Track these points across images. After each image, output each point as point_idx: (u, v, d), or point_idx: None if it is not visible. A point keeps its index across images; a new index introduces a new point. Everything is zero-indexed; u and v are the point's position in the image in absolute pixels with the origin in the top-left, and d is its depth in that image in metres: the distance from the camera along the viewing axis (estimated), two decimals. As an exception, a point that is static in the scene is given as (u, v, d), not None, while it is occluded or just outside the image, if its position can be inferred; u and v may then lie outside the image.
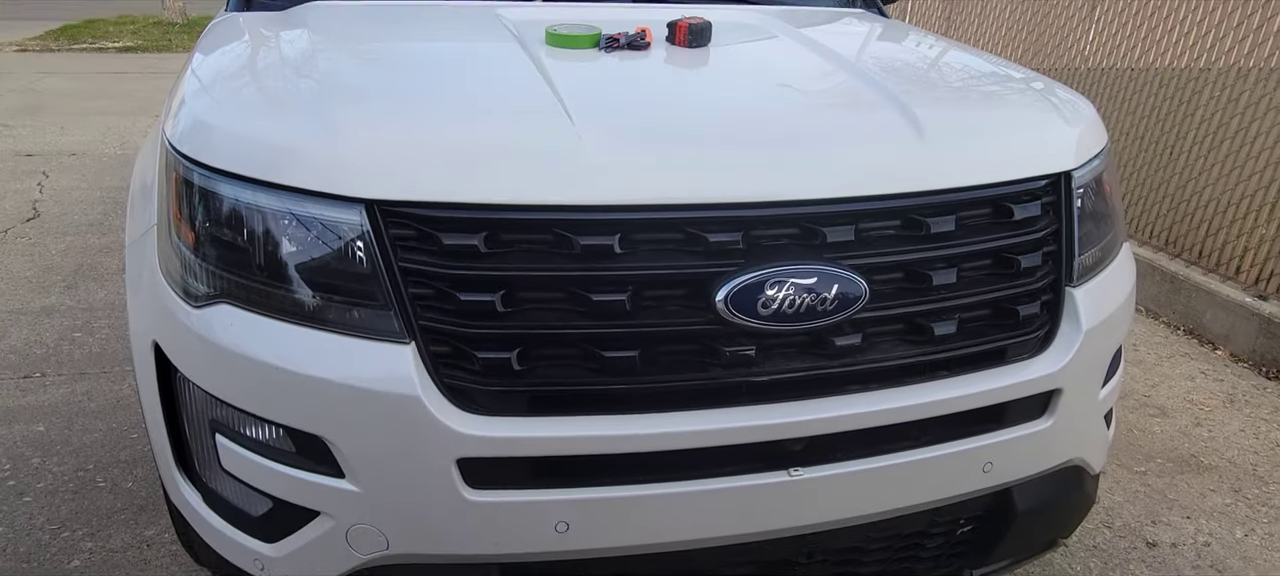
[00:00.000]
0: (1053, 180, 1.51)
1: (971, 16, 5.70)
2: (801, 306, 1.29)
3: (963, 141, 1.47)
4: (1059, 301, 1.51)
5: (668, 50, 1.78)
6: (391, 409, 1.22)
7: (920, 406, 1.39)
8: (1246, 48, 3.59)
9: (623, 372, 1.27)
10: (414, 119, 1.34)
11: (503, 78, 1.53)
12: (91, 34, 11.59)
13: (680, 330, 1.29)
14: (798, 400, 1.34)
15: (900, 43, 2.09)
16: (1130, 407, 3.03)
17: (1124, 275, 1.68)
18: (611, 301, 1.25)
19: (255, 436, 1.33)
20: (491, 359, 1.24)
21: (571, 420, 1.27)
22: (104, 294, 3.61)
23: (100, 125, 6.69)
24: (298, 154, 1.28)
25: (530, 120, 1.35)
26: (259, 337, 1.28)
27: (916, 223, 1.38)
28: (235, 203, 1.31)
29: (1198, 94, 3.79)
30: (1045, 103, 1.68)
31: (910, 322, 1.40)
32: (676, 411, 1.30)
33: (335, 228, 1.26)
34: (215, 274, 1.33)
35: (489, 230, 1.24)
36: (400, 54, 1.68)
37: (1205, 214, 3.74)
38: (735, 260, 1.28)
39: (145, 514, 2.26)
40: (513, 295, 1.25)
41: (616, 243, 1.26)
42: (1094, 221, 1.62)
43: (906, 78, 1.75)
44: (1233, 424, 2.94)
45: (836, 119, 1.49)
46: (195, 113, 1.44)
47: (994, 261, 1.45)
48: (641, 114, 1.42)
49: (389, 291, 1.24)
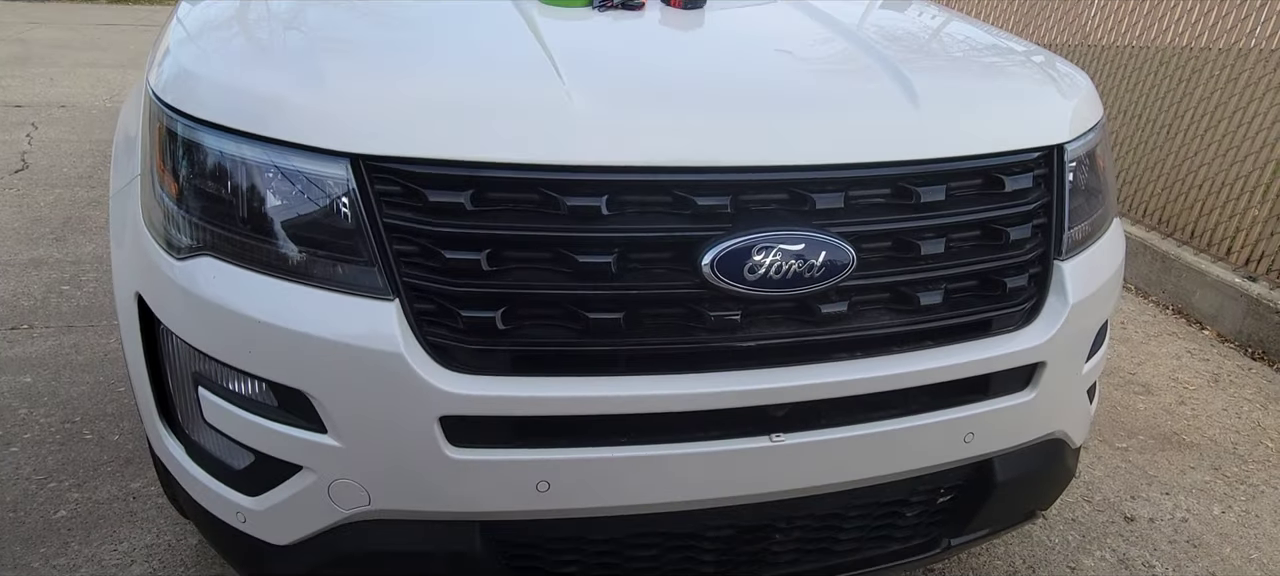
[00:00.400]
0: (1045, 152, 1.51)
1: (973, -11, 5.66)
2: (788, 272, 1.28)
3: (956, 111, 1.46)
4: (1047, 274, 1.51)
5: (662, 11, 1.76)
6: (374, 365, 1.22)
7: (904, 376, 1.39)
8: (1249, 25, 3.56)
9: (607, 334, 1.27)
10: (402, 74, 1.32)
11: (493, 34, 1.51)
12: (82, -16, 11.40)
13: (666, 293, 1.28)
14: (782, 366, 1.34)
15: (901, 11, 2.07)
16: (1115, 384, 3.04)
17: (1113, 251, 1.68)
18: (597, 263, 1.25)
19: (238, 390, 1.33)
20: (475, 317, 1.24)
21: (555, 381, 1.27)
22: (92, 247, 3.59)
23: (90, 77, 6.61)
24: (283, 106, 1.26)
25: (520, 78, 1.33)
26: (242, 291, 1.27)
27: (907, 191, 1.37)
28: (219, 154, 1.29)
29: (1197, 73, 3.78)
30: (1041, 74, 1.66)
31: (897, 292, 1.39)
32: (660, 375, 1.30)
33: (320, 182, 1.24)
34: (199, 226, 1.32)
35: (475, 188, 1.23)
36: (390, 7, 1.65)
37: (1199, 194, 3.74)
38: (723, 224, 1.27)
39: (131, 466, 2.26)
40: (498, 254, 1.24)
41: (604, 204, 1.25)
42: (1085, 195, 1.61)
43: (903, 46, 1.73)
44: (1216, 403, 2.97)
45: (830, 85, 1.48)
46: (180, 62, 1.42)
47: (983, 232, 1.45)
48: (632, 75, 1.41)
49: (373, 247, 1.23)
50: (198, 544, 2.00)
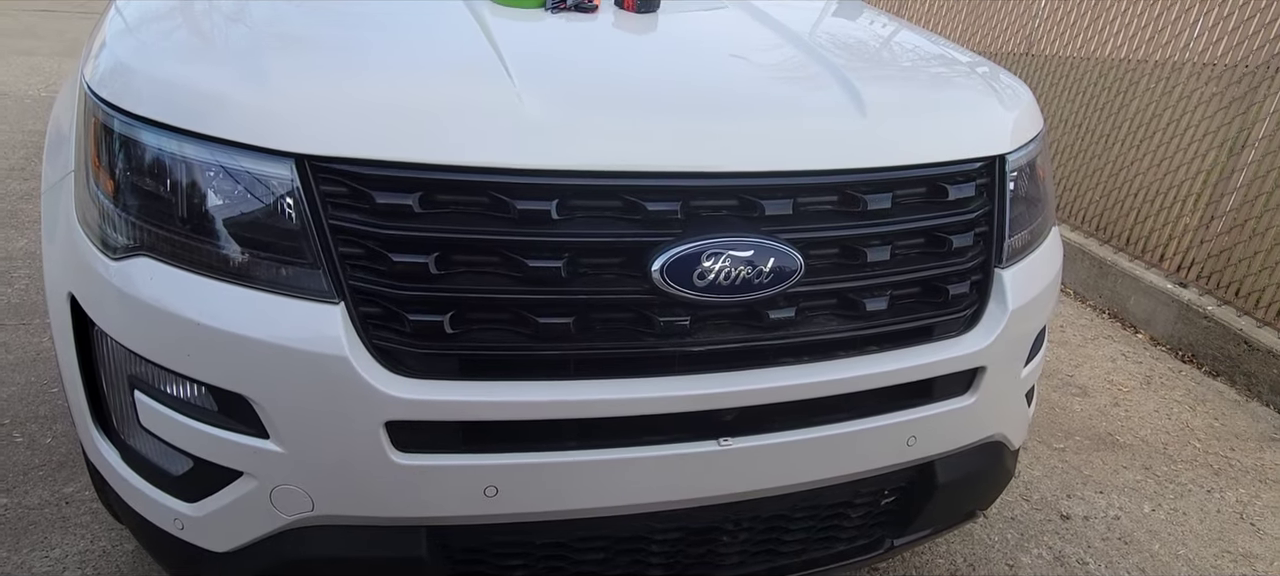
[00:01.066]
0: (987, 163, 1.54)
1: None
2: (737, 279, 1.29)
3: (902, 120, 1.49)
4: (987, 282, 1.55)
5: (616, 14, 1.76)
6: (319, 369, 1.20)
7: (850, 380, 1.41)
8: (1183, 41, 3.70)
9: (556, 339, 1.27)
10: (349, 72, 1.30)
11: (444, 34, 1.49)
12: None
13: (615, 298, 1.28)
14: (730, 371, 1.35)
15: (851, 19, 2.10)
16: (1053, 386, 3.14)
17: (1051, 259, 1.73)
18: (547, 267, 1.25)
19: (176, 394, 1.30)
20: (423, 321, 1.23)
21: (503, 385, 1.26)
22: (24, 242, 3.46)
23: (25, 65, 6.37)
24: (226, 103, 1.23)
25: (470, 79, 1.32)
26: (181, 293, 1.24)
27: (853, 199, 1.40)
28: (158, 152, 1.26)
29: (1134, 84, 3.91)
30: (984, 86, 1.71)
31: (843, 298, 1.42)
32: (609, 379, 1.30)
33: (263, 182, 1.22)
34: (135, 225, 1.28)
35: (423, 190, 1.22)
36: (338, 6, 1.62)
37: (1135, 202, 3.87)
38: (672, 230, 1.28)
39: (64, 470, 2.19)
40: (446, 257, 1.23)
41: (553, 208, 1.25)
42: (1026, 205, 1.66)
43: (853, 54, 1.76)
44: (1148, 404, 3.08)
45: (780, 92, 1.50)
46: (117, 55, 1.38)
47: (927, 240, 1.48)
48: (584, 78, 1.40)
49: (318, 249, 1.21)
50: (134, 550, 1.94)
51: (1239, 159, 3.40)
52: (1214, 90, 3.52)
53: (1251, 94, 3.36)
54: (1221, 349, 3.29)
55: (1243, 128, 3.40)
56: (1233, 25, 3.46)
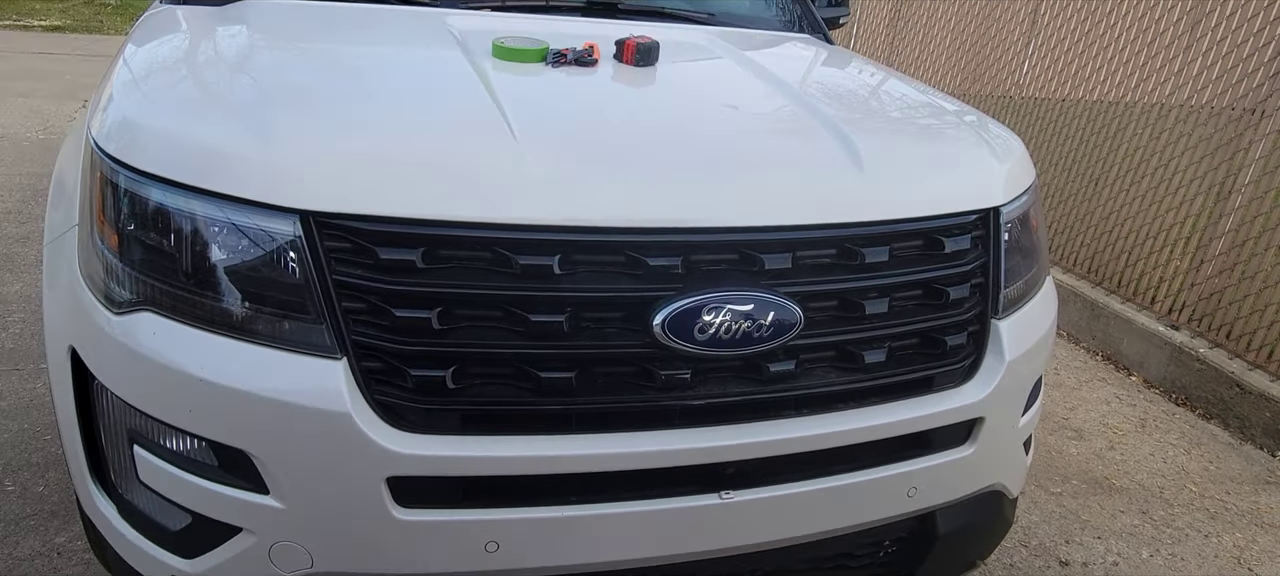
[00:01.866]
0: (982, 215, 1.57)
1: (913, 43, 5.87)
2: (737, 332, 1.30)
3: (899, 174, 1.52)
4: (984, 332, 1.56)
5: (615, 68, 1.79)
6: (320, 425, 1.20)
7: (850, 432, 1.42)
8: (1168, 89, 3.77)
9: (558, 393, 1.28)
10: (353, 129, 1.32)
11: (446, 89, 1.52)
12: (16, 11, 11.08)
13: (617, 352, 1.29)
14: (731, 424, 1.36)
15: (843, 70, 2.14)
16: (1049, 429, 3.14)
17: (1046, 308, 1.74)
18: (548, 322, 1.25)
19: (176, 448, 1.29)
20: (425, 376, 1.23)
21: (505, 440, 1.26)
22: (19, 286, 3.45)
23: (23, 107, 6.39)
24: (231, 160, 1.25)
25: (472, 135, 1.34)
26: (183, 348, 1.24)
27: (852, 252, 1.42)
28: (163, 207, 1.27)
29: (1123, 128, 3.97)
30: (978, 138, 1.73)
31: (842, 350, 1.43)
32: (611, 433, 1.30)
33: (268, 238, 1.23)
34: (139, 280, 1.28)
35: (426, 246, 1.23)
36: (342, 59, 1.65)
37: (1125, 244, 3.91)
38: (673, 285, 1.29)
39: (57, 519, 2.16)
40: (449, 312, 1.24)
41: (556, 263, 1.26)
42: (1020, 255, 1.68)
43: (847, 107, 1.79)
44: (1143, 448, 3.08)
45: (779, 146, 1.52)
46: (123, 111, 1.39)
47: (924, 292, 1.50)
48: (586, 133, 1.42)
49: (321, 305, 1.22)
50: (126, 603, 1.91)
51: (1227, 203, 3.45)
52: (1201, 134, 3.57)
53: (1237, 139, 3.42)
54: (1214, 392, 3.31)
55: (1229, 172, 3.45)
56: (1217, 73, 3.53)
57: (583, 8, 2.28)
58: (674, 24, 2.29)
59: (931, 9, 5.64)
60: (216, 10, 1.96)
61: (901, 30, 6.02)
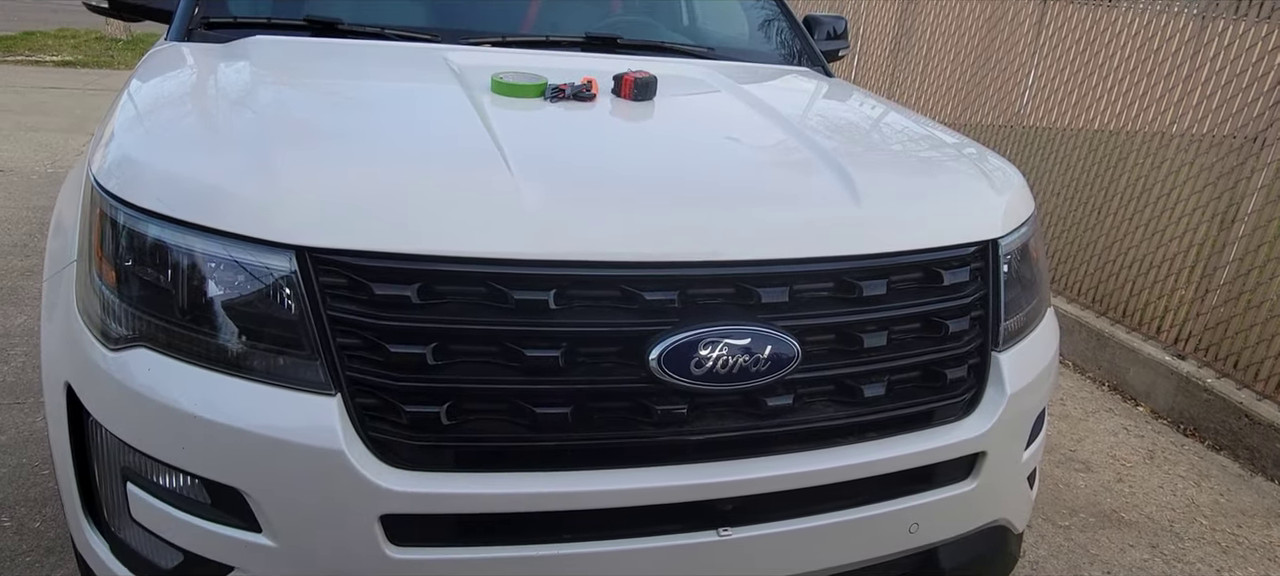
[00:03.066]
0: (981, 247, 1.56)
1: (913, 73, 5.90)
2: (734, 367, 1.30)
3: (897, 207, 1.51)
4: (985, 365, 1.55)
5: (613, 103, 1.80)
6: (313, 462, 1.19)
7: (850, 468, 1.40)
8: (1169, 118, 3.77)
9: (553, 429, 1.26)
10: (349, 164, 1.32)
11: (444, 125, 1.52)
12: (28, 47, 11.22)
13: (613, 388, 1.28)
14: (729, 460, 1.34)
15: (842, 103, 2.14)
16: (1056, 461, 3.11)
17: (1048, 340, 1.73)
18: (545, 357, 1.25)
19: (168, 485, 1.29)
20: (420, 413, 1.22)
21: (500, 476, 1.25)
22: (22, 319, 3.46)
23: (32, 142, 6.46)
24: (227, 196, 1.25)
25: (468, 170, 1.34)
26: (177, 384, 1.23)
27: (850, 286, 1.41)
28: (160, 243, 1.27)
29: (1125, 158, 3.97)
30: (976, 170, 1.73)
31: (841, 384, 1.42)
32: (607, 469, 1.29)
33: (263, 274, 1.23)
34: (135, 316, 1.28)
35: (422, 281, 1.23)
36: (341, 95, 1.66)
37: (1129, 273, 3.89)
38: (670, 319, 1.29)
39: (52, 555, 2.14)
40: (443, 348, 1.24)
41: (552, 298, 1.25)
42: (1020, 287, 1.67)
43: (845, 140, 1.79)
44: (1152, 480, 3.04)
45: (776, 180, 1.52)
46: (123, 148, 1.40)
47: (923, 325, 1.49)
48: (583, 168, 1.43)
49: (316, 341, 1.22)
50: (120, 641, 1.89)
51: (1231, 231, 3.43)
52: (1203, 163, 3.57)
53: (1239, 168, 3.42)
54: (1223, 422, 3.27)
55: (1232, 201, 3.44)
56: (1217, 102, 3.53)
57: (582, 43, 2.30)
58: (673, 59, 2.30)
59: (932, 40, 5.68)
60: (220, 47, 1.98)
61: (902, 61, 6.05)
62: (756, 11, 2.85)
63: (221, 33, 2.10)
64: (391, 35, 2.14)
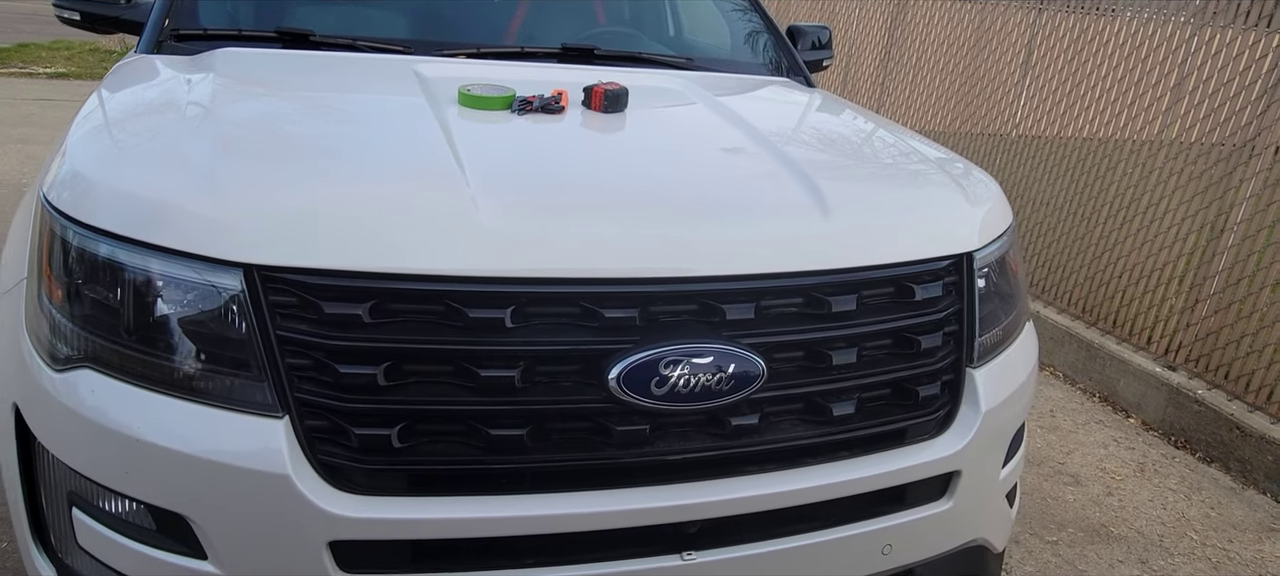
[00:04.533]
0: (955, 260, 1.53)
1: (903, 83, 5.88)
2: (697, 386, 1.26)
3: (866, 220, 1.48)
4: (959, 382, 1.52)
5: (582, 115, 1.77)
6: (259, 488, 1.15)
7: (819, 488, 1.37)
8: (1157, 126, 3.75)
9: (510, 451, 1.23)
10: (301, 180, 1.29)
11: (403, 138, 1.49)
12: (22, 59, 11.21)
13: (571, 408, 1.25)
14: (693, 481, 1.31)
15: (818, 114, 2.11)
16: (1044, 475, 3.07)
17: (1026, 354, 1.70)
18: (500, 377, 1.21)
19: (114, 511, 1.25)
20: (370, 435, 1.19)
21: (454, 500, 1.21)
22: None
23: (20, 154, 6.43)
24: (175, 212, 1.22)
25: (423, 184, 1.31)
26: (121, 406, 1.20)
27: (818, 301, 1.37)
28: (106, 261, 1.24)
29: (1114, 166, 3.95)
30: (951, 182, 1.70)
31: (809, 403, 1.38)
32: (566, 492, 1.26)
33: (211, 292, 1.19)
34: (80, 336, 1.25)
35: (374, 299, 1.19)
36: (301, 109, 1.63)
37: (1119, 283, 3.86)
38: (630, 337, 1.25)
39: (18, 578, 2.10)
40: (397, 368, 1.20)
41: (508, 316, 1.22)
42: (997, 301, 1.64)
43: (817, 152, 1.76)
44: (1142, 493, 3.00)
45: (742, 193, 1.48)
46: (73, 164, 1.37)
47: (895, 341, 1.45)
48: (543, 182, 1.39)
49: (264, 361, 1.18)
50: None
51: (1220, 240, 3.41)
52: (1192, 172, 3.54)
53: (1229, 177, 3.39)
54: (1214, 434, 3.23)
55: (1221, 210, 3.41)
56: (1204, 112, 3.51)
57: (559, 54, 2.27)
58: (649, 70, 2.27)
59: (922, 50, 5.67)
60: (187, 60, 1.95)
61: (892, 71, 6.04)
62: (737, 22, 2.83)
63: (192, 45, 2.07)
64: (363, 47, 2.11)
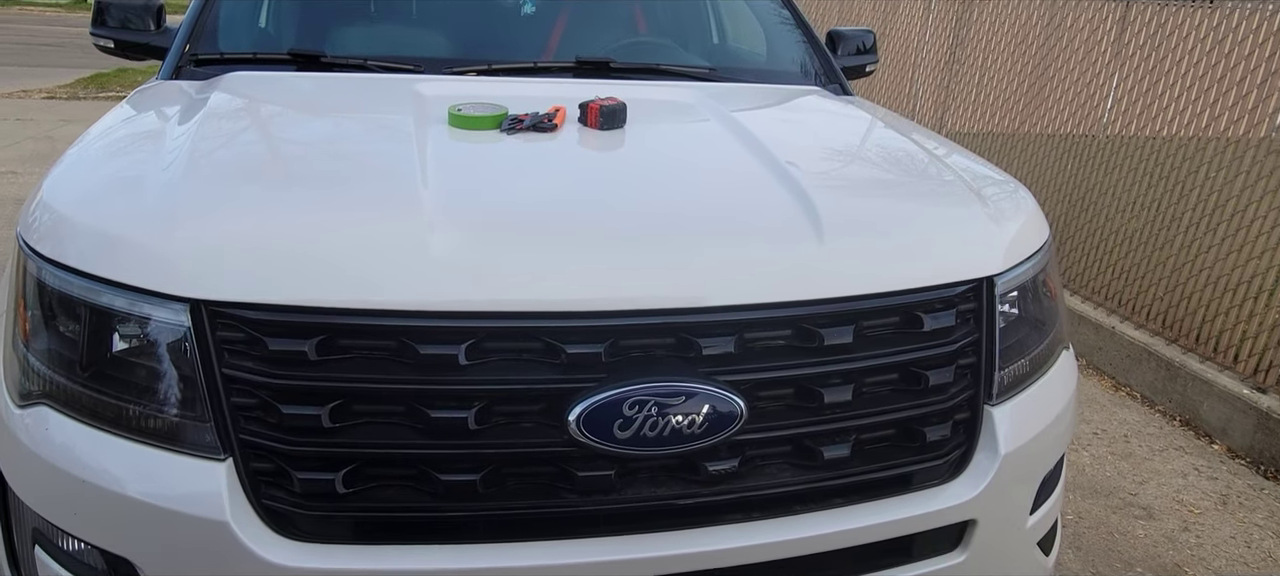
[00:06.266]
0: (973, 286, 1.38)
1: (969, 82, 5.60)
2: (665, 429, 1.16)
3: (867, 243, 1.35)
4: (975, 421, 1.37)
5: (577, 133, 1.68)
6: (198, 533, 1.11)
7: (809, 540, 1.24)
8: (1242, 127, 3.43)
9: (463, 498, 1.15)
10: (254, 210, 1.24)
11: (374, 164, 1.43)
12: (119, 83, 11.85)
13: (529, 452, 1.16)
14: (665, 531, 1.20)
15: (842, 127, 1.97)
16: (1113, 507, 2.82)
17: (1060, 387, 1.53)
18: (452, 418, 1.14)
19: (69, 551, 1.22)
20: (314, 479, 1.13)
21: (403, 550, 1.14)
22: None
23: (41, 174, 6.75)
24: (123, 245, 1.19)
25: (377, 213, 1.25)
26: (69, 445, 1.17)
27: (808, 333, 1.25)
28: (61, 294, 1.22)
29: (1200, 166, 3.63)
30: (973, 197, 1.55)
31: (799, 445, 1.26)
32: (524, 541, 1.17)
33: (158, 328, 1.16)
34: (39, 373, 1.23)
35: (321, 335, 1.13)
36: (280, 135, 1.60)
37: (1203, 296, 3.55)
38: (593, 375, 1.16)
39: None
40: (344, 408, 1.14)
41: (462, 352, 1.14)
42: (1025, 329, 1.48)
43: (827, 169, 1.62)
44: (1224, 529, 2.73)
45: (728, 216, 1.37)
46: (44, 195, 1.36)
47: (899, 377, 1.32)
48: (511, 207, 1.31)
49: (207, 401, 1.14)
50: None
51: (1319, 250, 3.08)
52: (1286, 174, 3.22)
53: (1327, 180, 3.07)
54: (1310, 464, 2.92)
55: (1319, 217, 3.09)
56: (1300, 107, 3.19)
57: (573, 68, 2.19)
58: (666, 82, 2.18)
59: (988, 49, 5.38)
60: (194, 85, 1.95)
61: (957, 74, 5.76)
62: (770, 28, 2.70)
63: (208, 69, 2.08)
64: (373, 67, 2.08)
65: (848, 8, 7.53)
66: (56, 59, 14.04)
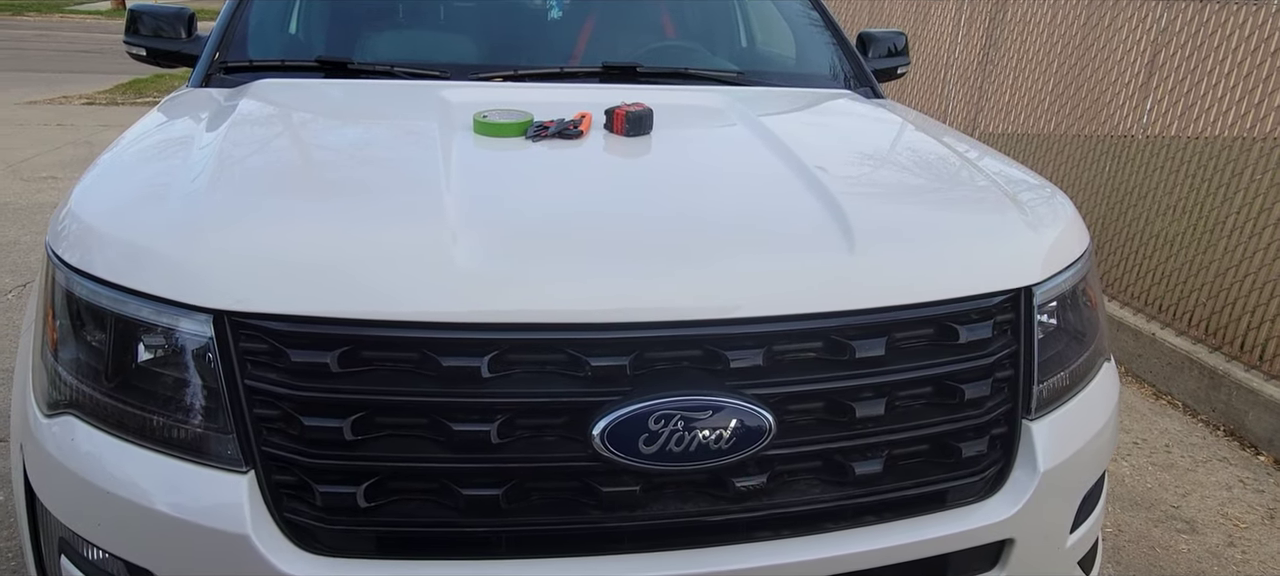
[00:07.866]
0: (1011, 296, 1.33)
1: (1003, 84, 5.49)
2: (691, 444, 1.13)
3: (900, 252, 1.31)
4: (1013, 436, 1.32)
5: (603, 140, 1.66)
6: (219, 546, 1.10)
7: (839, 559, 1.21)
8: None
9: (485, 513, 1.13)
10: (277, 220, 1.24)
11: (398, 172, 1.42)
12: (158, 88, 12.06)
13: (553, 467, 1.14)
14: (690, 549, 1.18)
15: (874, 131, 1.92)
16: (1154, 520, 2.74)
17: (1101, 400, 1.47)
18: (474, 432, 1.12)
19: (93, 560, 1.22)
20: (336, 493, 1.11)
21: (424, 565, 1.13)
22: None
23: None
24: (149, 255, 1.18)
25: (401, 223, 1.23)
26: (94, 456, 1.17)
27: (839, 346, 1.22)
28: (87, 304, 1.22)
29: (1245, 167, 3.52)
30: (1010, 205, 1.50)
31: (829, 461, 1.23)
32: (547, 559, 1.15)
33: (181, 339, 1.15)
34: (65, 382, 1.23)
35: (344, 347, 1.12)
36: (307, 143, 1.59)
37: (1248, 302, 3.44)
38: (619, 388, 1.13)
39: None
40: (367, 421, 1.13)
41: (485, 365, 1.12)
42: (1065, 340, 1.43)
43: (858, 176, 1.58)
44: (1271, 544, 2.63)
45: (756, 224, 1.33)
46: (72, 205, 1.37)
47: (934, 390, 1.27)
48: (535, 216, 1.29)
49: (230, 413, 1.13)
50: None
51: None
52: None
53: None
54: (1363, 478, 2.81)
55: (1372, 221, 2.98)
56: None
57: (600, 73, 2.17)
58: (696, 87, 2.14)
59: (1022, 46, 5.28)
60: (223, 93, 1.96)
61: (990, 75, 5.66)
62: (799, 31, 2.66)
63: (237, 77, 2.09)
64: (401, 74, 2.08)
65: (879, 9, 7.44)
66: (96, 65, 14.33)
